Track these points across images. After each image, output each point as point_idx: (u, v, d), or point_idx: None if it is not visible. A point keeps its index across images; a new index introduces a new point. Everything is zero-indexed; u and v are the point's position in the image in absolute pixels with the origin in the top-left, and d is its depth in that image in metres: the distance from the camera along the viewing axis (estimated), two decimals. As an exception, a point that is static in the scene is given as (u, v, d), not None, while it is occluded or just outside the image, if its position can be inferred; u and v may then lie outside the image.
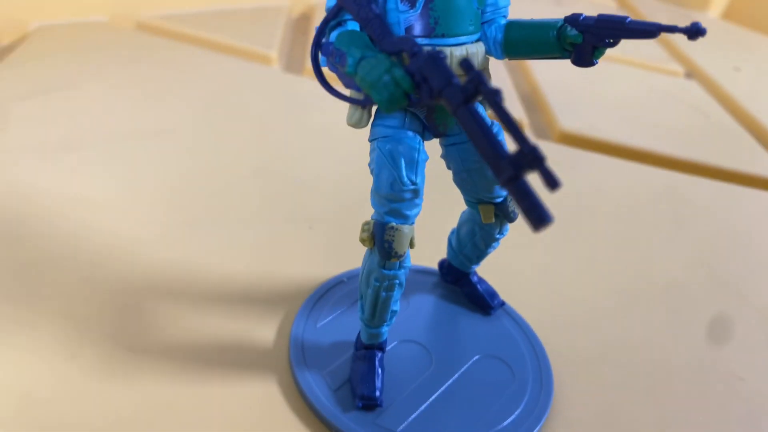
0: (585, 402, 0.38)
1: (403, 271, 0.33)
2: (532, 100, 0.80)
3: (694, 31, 0.27)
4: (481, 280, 0.43)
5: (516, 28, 0.31)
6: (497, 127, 0.33)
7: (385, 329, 0.35)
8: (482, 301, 0.42)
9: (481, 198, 0.36)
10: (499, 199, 0.36)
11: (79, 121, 0.59)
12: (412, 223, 0.32)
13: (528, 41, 0.31)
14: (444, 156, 0.35)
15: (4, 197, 0.48)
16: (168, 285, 0.42)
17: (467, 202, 0.37)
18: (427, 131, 0.32)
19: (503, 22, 0.32)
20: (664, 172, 0.67)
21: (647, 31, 0.29)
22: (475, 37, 0.31)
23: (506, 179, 0.21)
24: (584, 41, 0.30)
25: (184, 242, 0.46)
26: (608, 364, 0.41)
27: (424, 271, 0.45)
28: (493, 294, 0.43)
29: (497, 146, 0.21)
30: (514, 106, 0.75)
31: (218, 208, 0.51)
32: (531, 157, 0.20)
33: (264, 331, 0.40)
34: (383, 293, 0.33)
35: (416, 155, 0.31)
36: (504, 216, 0.36)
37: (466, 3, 0.30)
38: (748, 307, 0.49)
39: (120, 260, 0.44)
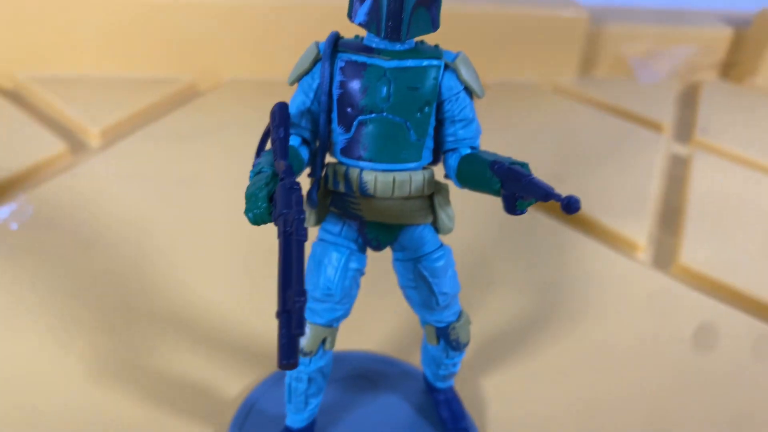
0: None
1: (313, 368, 0.33)
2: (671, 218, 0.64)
3: (566, 204, 0.24)
4: (452, 400, 0.39)
5: (467, 161, 0.30)
6: (445, 253, 0.33)
7: (301, 417, 0.35)
8: (444, 424, 0.38)
9: (425, 318, 0.34)
10: (440, 324, 0.34)
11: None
12: (327, 325, 0.32)
13: (473, 177, 0.30)
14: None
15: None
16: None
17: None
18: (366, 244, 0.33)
19: (464, 152, 0.31)
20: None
21: (538, 194, 0.26)
22: (411, 165, 0.30)
23: (278, 311, 0.22)
24: (503, 189, 0.28)
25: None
26: None
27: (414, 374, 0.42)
28: (459, 418, 0.38)
29: (287, 281, 0.22)
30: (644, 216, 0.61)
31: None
32: (296, 305, 0.22)
33: (232, 385, 0.40)
34: (293, 383, 0.34)
35: (339, 263, 0.32)
36: (446, 343, 0.35)
37: (399, 133, 0.30)
38: None
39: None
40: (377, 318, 0.46)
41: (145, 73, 0.76)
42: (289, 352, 0.21)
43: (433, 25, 0.29)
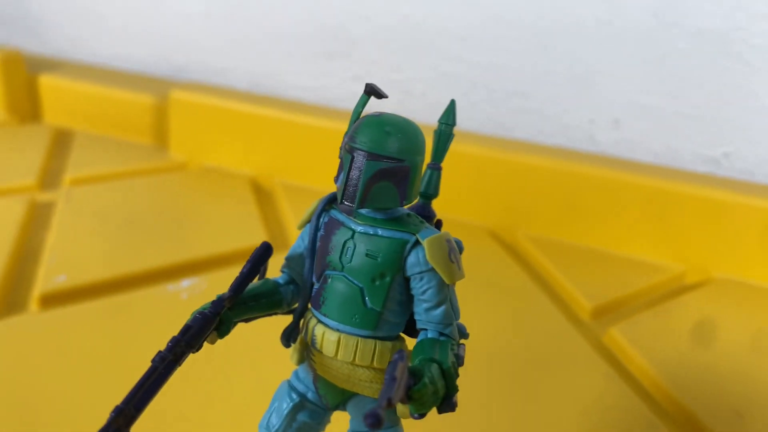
0: None
1: None
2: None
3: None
4: None
5: (417, 348, 0.29)
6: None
7: None
8: None
9: None
10: None
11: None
12: None
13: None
14: None
15: None
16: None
17: None
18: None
19: (428, 336, 0.30)
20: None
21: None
22: (363, 332, 0.30)
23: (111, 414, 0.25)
24: None
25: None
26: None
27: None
28: None
29: (130, 396, 0.26)
30: None
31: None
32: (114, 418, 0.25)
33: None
34: None
35: (285, 410, 0.33)
36: None
37: (354, 296, 0.30)
38: None
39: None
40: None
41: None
42: None
43: (401, 199, 0.30)
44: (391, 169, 0.29)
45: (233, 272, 0.65)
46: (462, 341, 0.32)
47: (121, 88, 0.98)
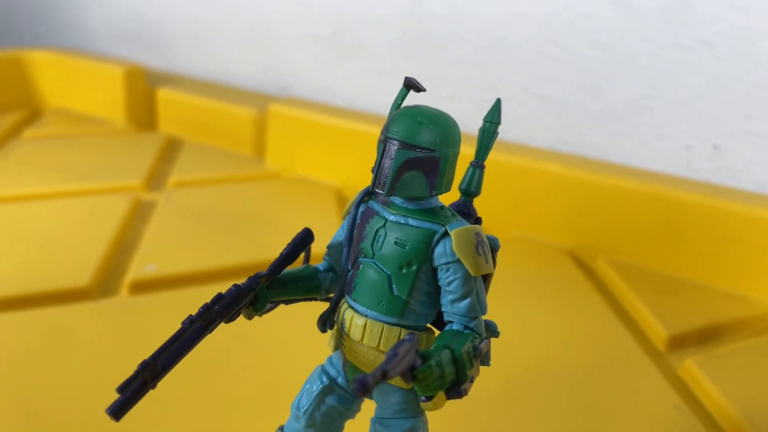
0: None
1: None
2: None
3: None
4: None
5: (438, 337, 0.29)
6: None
7: None
8: None
9: None
10: None
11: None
12: None
13: None
14: None
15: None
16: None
17: None
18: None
19: (455, 328, 0.30)
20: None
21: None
22: (389, 319, 0.31)
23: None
24: None
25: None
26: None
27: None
28: None
29: (159, 351, 0.29)
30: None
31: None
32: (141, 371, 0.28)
33: None
34: None
35: (314, 391, 0.33)
36: None
37: (382, 283, 0.30)
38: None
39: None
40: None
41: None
42: (116, 405, 0.27)
43: (430, 188, 0.30)
44: (421, 158, 0.29)
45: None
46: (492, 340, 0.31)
47: (226, 102, 1.05)
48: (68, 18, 1.36)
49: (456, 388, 0.27)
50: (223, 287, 0.66)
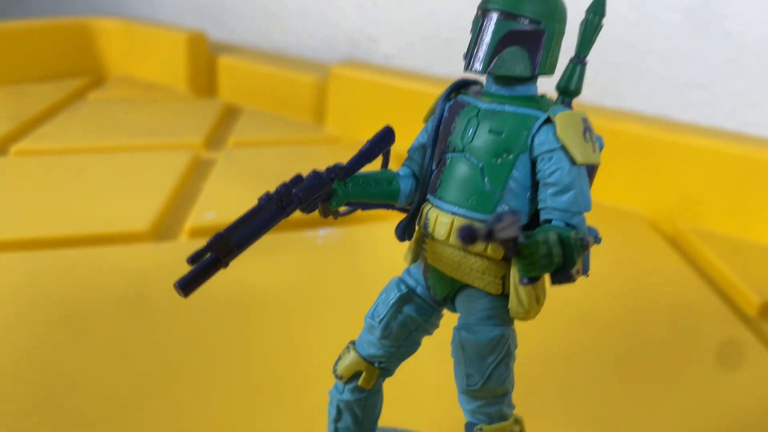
0: None
1: (343, 398, 0.31)
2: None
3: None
4: None
5: (536, 231, 0.26)
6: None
7: None
8: None
9: (461, 403, 0.31)
10: (469, 419, 0.30)
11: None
12: (365, 358, 0.31)
13: None
14: None
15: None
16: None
17: None
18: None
19: (555, 224, 0.26)
20: None
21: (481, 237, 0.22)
22: (479, 216, 0.27)
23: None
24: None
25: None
26: None
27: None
28: None
29: (235, 225, 0.26)
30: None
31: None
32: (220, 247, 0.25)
33: None
34: (329, 406, 0.32)
35: (391, 299, 0.30)
36: None
37: (473, 177, 0.27)
38: None
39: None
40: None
41: None
42: (184, 279, 0.24)
43: (533, 67, 0.27)
44: (524, 32, 0.26)
45: (366, 227, 0.66)
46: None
47: (287, 69, 1.04)
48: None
49: (565, 272, 0.24)
50: (285, 237, 0.66)
